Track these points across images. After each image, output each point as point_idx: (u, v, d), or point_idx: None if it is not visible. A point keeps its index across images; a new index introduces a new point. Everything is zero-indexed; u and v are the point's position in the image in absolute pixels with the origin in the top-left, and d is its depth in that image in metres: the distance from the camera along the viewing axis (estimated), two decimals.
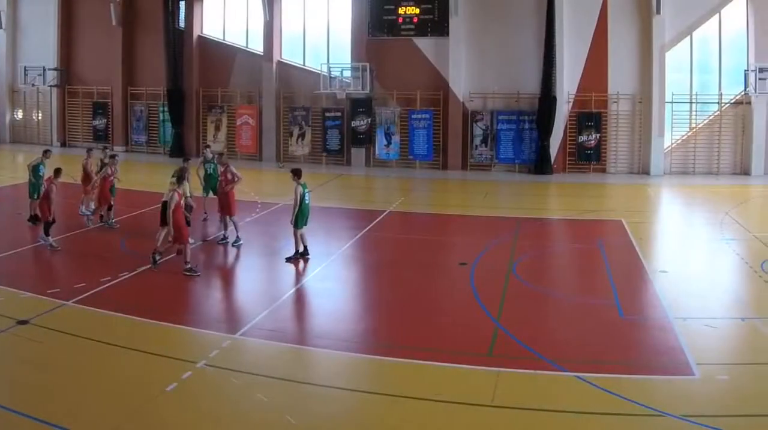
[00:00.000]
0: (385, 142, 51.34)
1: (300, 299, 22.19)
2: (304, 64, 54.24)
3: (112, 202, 30.16)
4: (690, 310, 20.23)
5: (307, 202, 25.06)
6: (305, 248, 25.26)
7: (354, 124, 51.48)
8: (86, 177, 31.46)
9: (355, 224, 31.02)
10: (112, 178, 30.18)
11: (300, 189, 24.69)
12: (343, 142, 52.26)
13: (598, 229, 32.20)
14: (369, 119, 51.21)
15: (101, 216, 30.27)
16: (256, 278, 24.94)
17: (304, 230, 25.24)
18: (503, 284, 22.75)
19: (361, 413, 14.18)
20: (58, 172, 26.80)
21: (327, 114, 52.50)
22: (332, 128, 52.40)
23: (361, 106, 51.24)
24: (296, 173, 25.14)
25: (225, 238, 27.92)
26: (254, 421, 13.60)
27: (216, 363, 16.07)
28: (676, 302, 20.81)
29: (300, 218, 24.90)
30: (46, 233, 26.29)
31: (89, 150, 33.34)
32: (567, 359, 16.40)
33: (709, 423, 13.22)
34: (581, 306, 21.12)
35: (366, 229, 30.58)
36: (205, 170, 31.80)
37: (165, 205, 24.14)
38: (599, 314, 20.13)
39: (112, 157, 31.39)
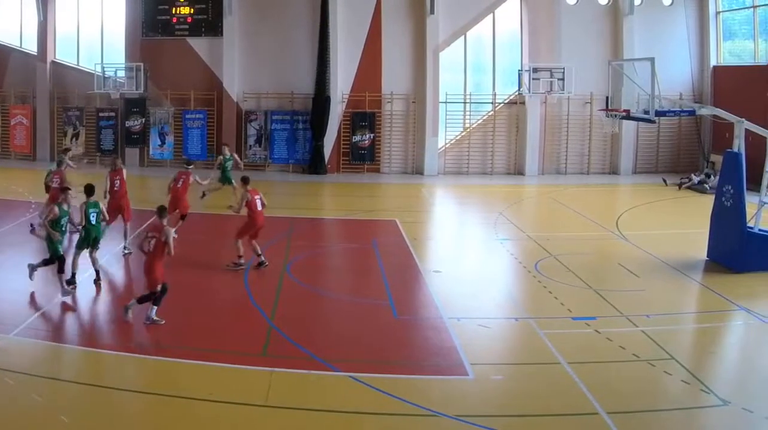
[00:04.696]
0: (159, 143, 46.87)
1: (75, 299, 20.15)
2: (78, 64, 49.11)
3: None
4: (464, 310, 19.52)
5: (93, 222, 21.24)
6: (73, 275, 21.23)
7: (128, 124, 46.63)
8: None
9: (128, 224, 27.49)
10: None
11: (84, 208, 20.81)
12: (118, 142, 47.38)
13: (372, 228, 30.66)
14: (143, 119, 46.65)
15: None
16: (29, 279, 21.39)
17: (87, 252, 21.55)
18: (277, 284, 21.53)
19: (134, 412, 13.51)
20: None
21: (101, 114, 47.44)
22: (106, 128, 47.44)
23: (135, 106, 46.43)
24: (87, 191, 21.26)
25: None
26: (28, 421, 12.79)
27: None
28: (450, 302, 20.09)
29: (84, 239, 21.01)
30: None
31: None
32: (341, 359, 15.82)
33: (484, 423, 12.96)
34: (355, 306, 20.32)
35: (139, 229, 27.48)
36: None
37: None
38: (373, 314, 19.38)
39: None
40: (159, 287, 18.04)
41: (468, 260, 26.60)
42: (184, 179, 27.47)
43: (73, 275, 21.10)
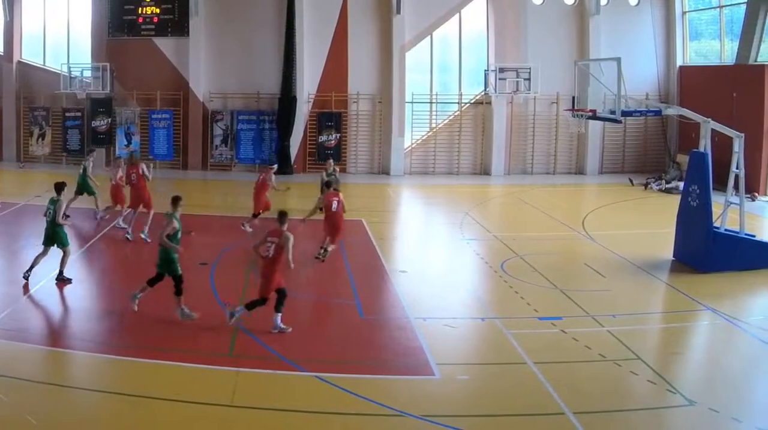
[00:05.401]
0: (125, 142, 45.91)
1: (42, 299, 19.77)
2: (44, 64, 48.25)
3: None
4: (430, 310, 19.37)
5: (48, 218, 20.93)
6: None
7: (94, 124, 45.83)
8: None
9: (92, 225, 28.17)
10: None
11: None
12: (84, 142, 46.40)
13: None
14: (109, 119, 45.94)
15: None
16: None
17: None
18: (244, 284, 20.64)
19: (102, 413, 13.33)
20: None
21: (67, 114, 46.76)
22: (72, 128, 46.79)
23: (102, 106, 45.67)
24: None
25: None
26: None
27: None
28: (416, 302, 19.93)
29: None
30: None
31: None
32: (307, 359, 15.65)
33: (450, 423, 12.88)
34: (322, 306, 20.31)
35: (106, 228, 28.02)
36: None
37: None
38: (340, 314, 19.41)
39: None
40: (272, 294, 17.52)
41: (434, 260, 26.35)
42: (262, 177, 28.80)
43: (30, 268, 20.62)
